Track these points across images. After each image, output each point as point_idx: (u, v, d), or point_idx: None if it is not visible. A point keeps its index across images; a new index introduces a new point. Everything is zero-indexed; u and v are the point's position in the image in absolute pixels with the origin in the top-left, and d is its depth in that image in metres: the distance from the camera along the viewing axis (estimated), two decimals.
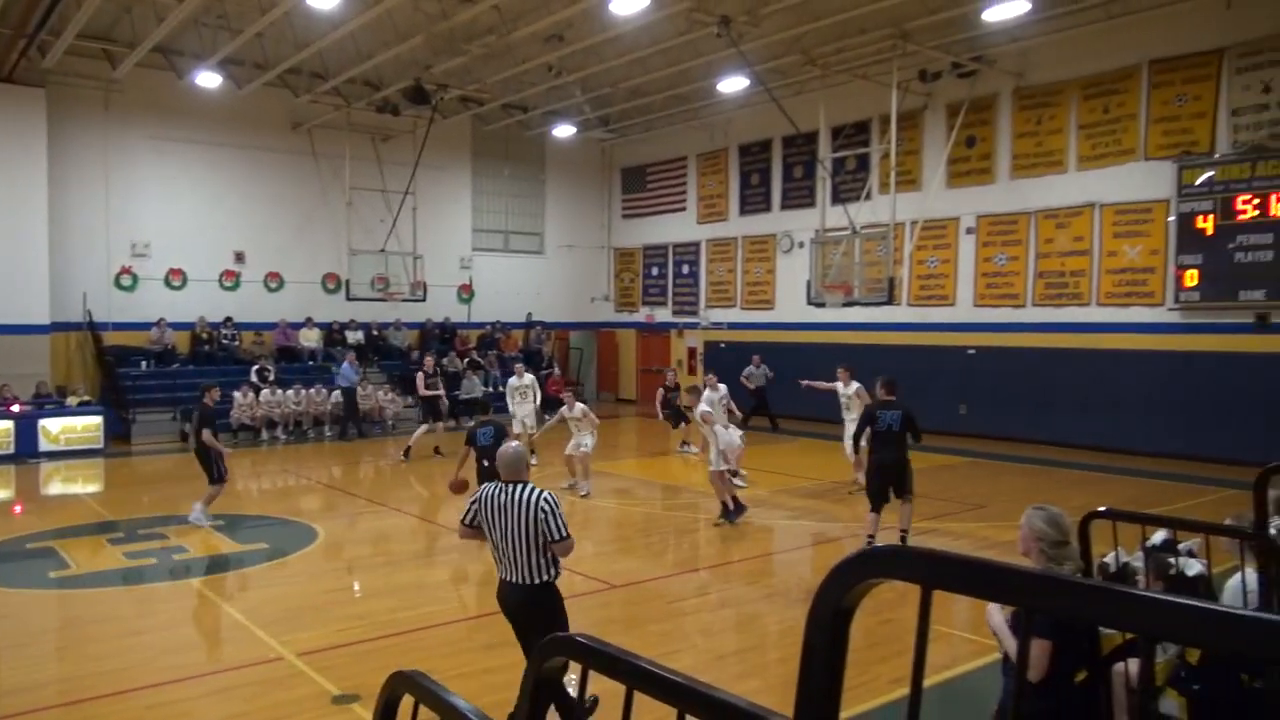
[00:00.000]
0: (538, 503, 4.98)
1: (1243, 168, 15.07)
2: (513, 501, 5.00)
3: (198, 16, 16.89)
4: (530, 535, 4.96)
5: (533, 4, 16.00)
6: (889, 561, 1.25)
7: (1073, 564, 3.82)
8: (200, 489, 11.43)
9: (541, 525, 4.96)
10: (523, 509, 4.97)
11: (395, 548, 10.72)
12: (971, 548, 10.02)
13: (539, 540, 4.98)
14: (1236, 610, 1.08)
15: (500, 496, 5.06)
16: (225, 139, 21.19)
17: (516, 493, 5.03)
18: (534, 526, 4.95)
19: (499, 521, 5.02)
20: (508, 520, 4.99)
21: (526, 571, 5.01)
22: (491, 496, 5.10)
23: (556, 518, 5.00)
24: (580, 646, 1.64)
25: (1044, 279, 17.84)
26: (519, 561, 5.01)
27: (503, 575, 5.14)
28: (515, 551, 5.00)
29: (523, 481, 5.12)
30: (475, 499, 5.27)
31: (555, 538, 4.99)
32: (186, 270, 20.97)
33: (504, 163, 25.89)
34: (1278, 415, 14.65)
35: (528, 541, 4.97)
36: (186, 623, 7.87)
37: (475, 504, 5.24)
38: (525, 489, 5.04)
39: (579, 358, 27.11)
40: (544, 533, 4.97)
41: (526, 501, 4.98)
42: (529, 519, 4.95)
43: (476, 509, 5.21)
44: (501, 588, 5.17)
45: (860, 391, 13.51)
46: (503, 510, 5.01)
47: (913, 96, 18.93)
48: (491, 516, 5.06)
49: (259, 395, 19.21)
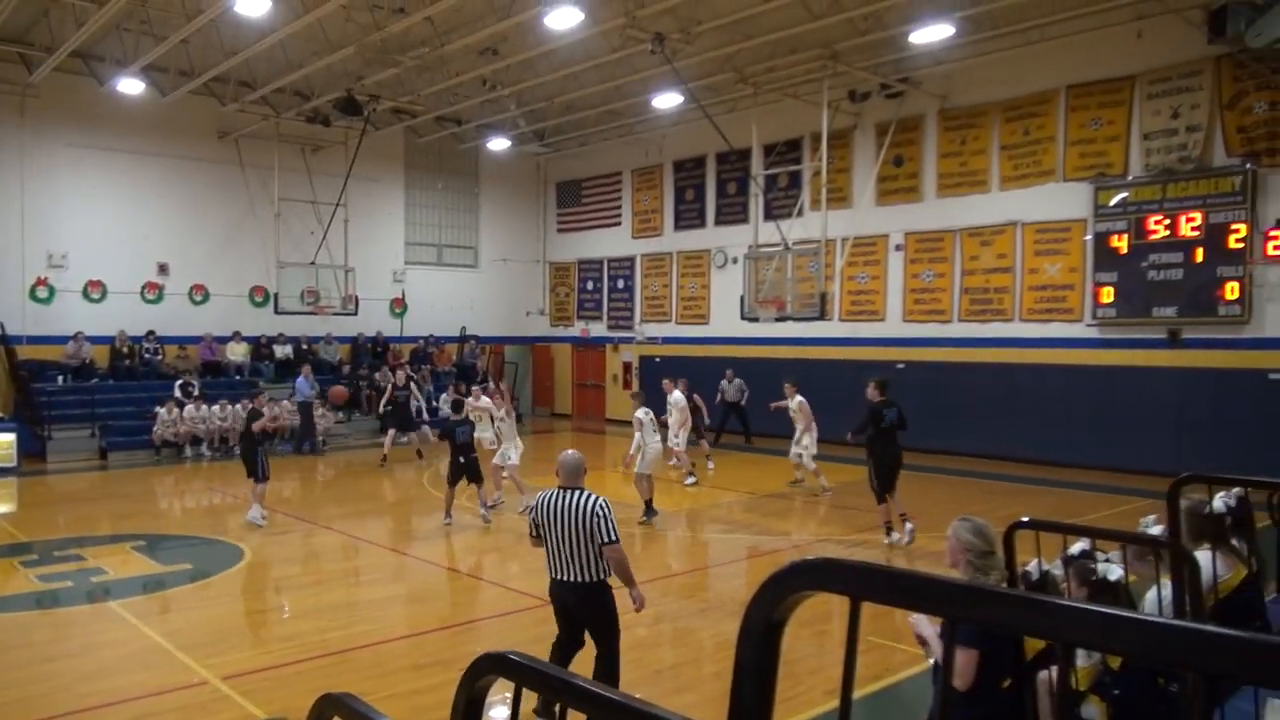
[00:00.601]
0: (593, 507, 5.47)
1: (1154, 189, 15.70)
2: (570, 505, 5.49)
3: (119, 21, 16.43)
4: (585, 537, 5.43)
5: (467, 17, 15.94)
6: (818, 574, 1.27)
7: (998, 573, 3.92)
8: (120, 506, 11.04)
9: (595, 528, 5.42)
10: (578, 512, 5.45)
11: (325, 566, 10.50)
12: (902, 559, 10.20)
13: (594, 542, 5.43)
14: (1148, 617, 1.12)
15: (558, 501, 5.54)
16: (148, 147, 20.60)
17: (574, 497, 5.53)
18: (588, 529, 5.42)
19: (556, 524, 5.49)
20: (564, 522, 5.46)
21: (582, 570, 5.47)
22: (549, 501, 5.58)
23: (609, 522, 5.47)
24: (512, 664, 1.62)
25: (969, 295, 18.33)
26: (575, 561, 5.47)
27: (556, 575, 5.57)
28: (572, 552, 5.47)
29: (580, 487, 5.63)
30: (533, 506, 5.75)
31: (606, 539, 5.43)
32: (106, 282, 20.30)
33: (438, 175, 25.68)
34: (1189, 427, 15.26)
35: (584, 543, 5.43)
36: (104, 647, 7.57)
37: (533, 512, 5.71)
38: (583, 494, 5.55)
39: (514, 372, 26.94)
40: (597, 535, 5.42)
41: (582, 506, 5.47)
42: (584, 521, 5.42)
43: (534, 516, 5.68)
44: (555, 587, 5.61)
45: (803, 405, 14.14)
46: (560, 513, 5.49)
47: (843, 115, 19.33)
48: (549, 519, 5.53)
49: (183, 411, 18.66)
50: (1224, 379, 15.04)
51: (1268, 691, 3.63)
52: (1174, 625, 1.08)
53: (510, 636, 7.74)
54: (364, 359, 23.08)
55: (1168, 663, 1.05)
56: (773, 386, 15.62)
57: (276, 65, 18.25)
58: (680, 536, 11.78)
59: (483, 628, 8.13)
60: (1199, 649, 1.03)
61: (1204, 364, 15.28)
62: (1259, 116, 14.65)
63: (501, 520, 12.56)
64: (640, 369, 24.63)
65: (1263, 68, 14.46)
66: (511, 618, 8.35)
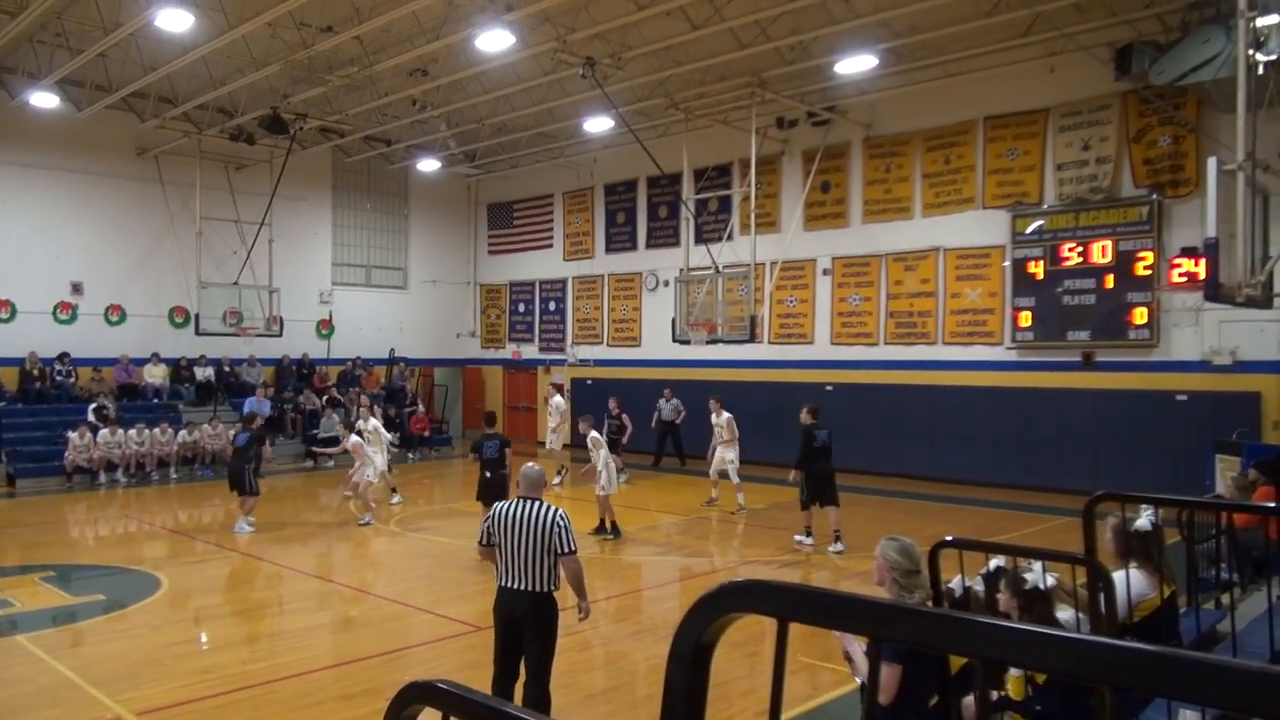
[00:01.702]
0: (554, 518, 5.58)
1: (1067, 218, 16.31)
2: (530, 515, 5.58)
3: (33, 34, 15.93)
4: (543, 547, 5.51)
5: (396, 37, 15.84)
6: (745, 596, 1.29)
7: (922, 591, 4.01)
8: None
9: (556, 538, 5.52)
10: (539, 522, 5.54)
11: (246, 595, 10.20)
12: (829, 579, 10.33)
13: (551, 553, 5.53)
14: (1064, 634, 1.17)
15: (519, 511, 5.62)
16: (62, 163, 19.92)
17: (534, 508, 5.62)
18: (548, 539, 5.51)
19: (513, 533, 5.55)
20: (523, 532, 5.53)
21: (535, 580, 5.52)
22: (509, 510, 5.66)
23: (569, 533, 5.60)
24: (440, 693, 1.59)
25: (894, 319, 18.74)
26: (528, 570, 5.52)
27: (507, 584, 5.59)
28: (526, 561, 5.52)
29: (539, 499, 5.73)
30: (489, 517, 5.78)
31: (565, 550, 5.56)
32: (15, 301, 19.51)
33: (366, 195, 25.35)
34: (1103, 446, 15.81)
35: (541, 553, 5.51)
36: (11, 683, 7.21)
37: (488, 522, 5.75)
38: (543, 505, 5.65)
39: (444, 395, 26.63)
40: (556, 545, 5.52)
41: (543, 516, 5.57)
42: (545, 532, 5.51)
43: (490, 525, 5.72)
44: (505, 595, 5.61)
45: (730, 421, 14.58)
46: (519, 523, 5.56)
47: (771, 142, 19.69)
48: (506, 528, 5.59)
49: (96, 435, 17.94)
50: (1135, 400, 15.63)
51: (1179, 703, 3.77)
52: (1088, 641, 1.13)
53: (441, 664, 7.61)
54: (289, 382, 22.56)
55: (1082, 678, 1.09)
56: (704, 407, 15.73)
57: (199, 81, 17.86)
58: (612, 559, 11.74)
59: (412, 655, 7.98)
60: (1111, 664, 1.08)
61: (1116, 385, 15.87)
62: (1163, 150, 15.36)
63: (434, 546, 12.37)
64: (572, 391, 24.55)
65: (1165, 104, 15.19)
66: (443, 644, 8.21)
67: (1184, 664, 1.03)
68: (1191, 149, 14.99)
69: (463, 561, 11.63)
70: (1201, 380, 15.05)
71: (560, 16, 14.79)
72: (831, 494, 11.69)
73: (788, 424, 18.40)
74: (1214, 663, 1.01)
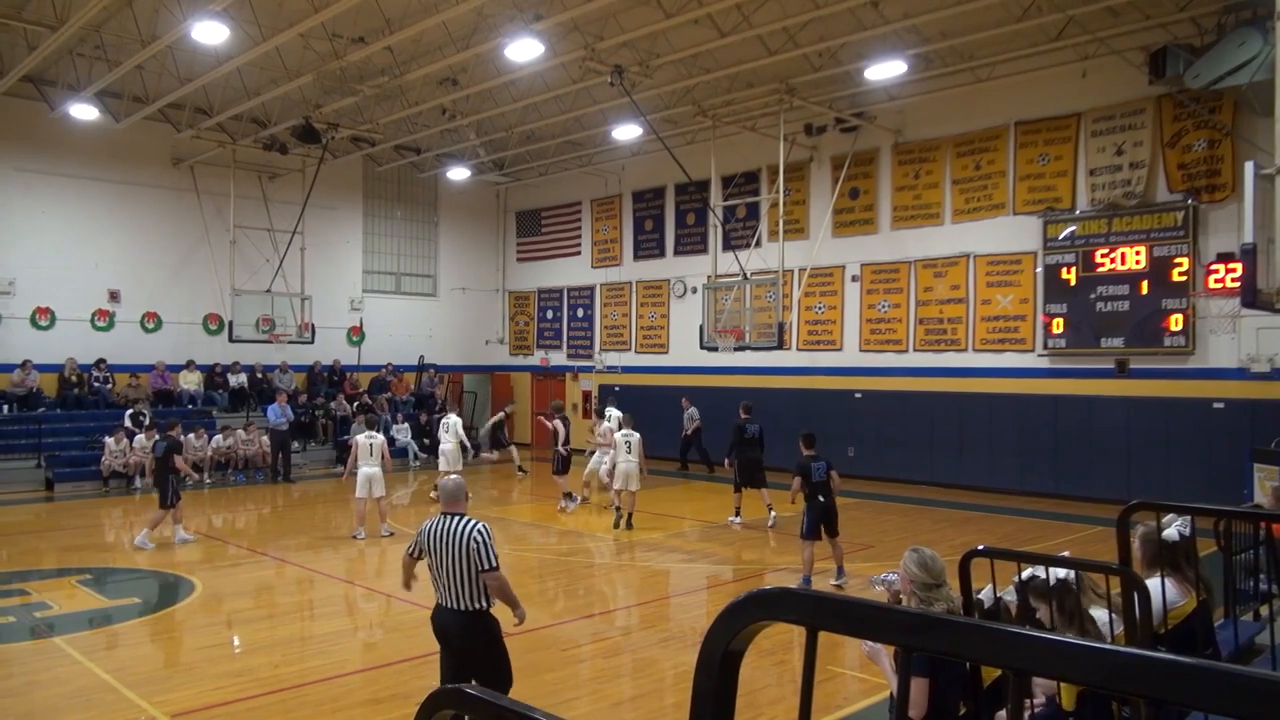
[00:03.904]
0: (472, 533, 5.36)
1: (1100, 223, 16.12)
2: (452, 532, 5.38)
3: (73, 47, 16.25)
4: (466, 563, 5.32)
5: (426, 47, 15.98)
6: (773, 605, 1.29)
7: (943, 605, 3.97)
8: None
9: (475, 555, 5.31)
10: (460, 539, 5.34)
11: (277, 599, 10.30)
12: (859, 588, 10.25)
13: (473, 569, 5.33)
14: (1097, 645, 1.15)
15: (441, 527, 5.42)
16: (100, 173, 20.30)
17: (455, 524, 5.41)
18: (468, 555, 5.31)
19: (439, 551, 5.38)
20: (447, 549, 5.35)
21: (465, 598, 5.35)
22: (434, 528, 5.46)
23: (488, 549, 5.35)
24: (469, 698, 1.61)
25: (924, 325, 18.61)
26: (455, 589, 5.35)
27: (441, 603, 5.45)
28: (452, 579, 5.35)
29: (461, 513, 5.51)
30: (420, 532, 5.59)
31: (485, 566, 5.32)
32: (55, 309, 19.88)
33: (396, 204, 25.59)
34: (1137, 455, 15.58)
35: (464, 570, 5.32)
36: (48, 684, 7.34)
37: (420, 535, 5.58)
38: (463, 520, 5.43)
39: (473, 401, 26.77)
40: (475, 562, 5.31)
41: (464, 532, 5.36)
42: (465, 548, 5.32)
43: (420, 539, 5.55)
44: (439, 614, 5.47)
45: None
46: (443, 540, 5.38)
47: (799, 148, 19.64)
48: (433, 545, 5.42)
49: (133, 441, 18.22)
50: (1170, 408, 15.39)
51: (1216, 717, 3.71)
52: (1123, 652, 1.12)
53: None
54: (320, 388, 22.79)
55: (1117, 689, 1.08)
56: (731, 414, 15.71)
57: (233, 92, 18.12)
58: (640, 566, 11.73)
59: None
60: (1147, 676, 1.06)
61: (1151, 393, 15.64)
62: (1198, 154, 15.14)
63: None
64: (599, 398, 24.60)
65: (1201, 108, 14.97)
66: None
67: (1222, 676, 1.01)
68: (1228, 153, 14.77)
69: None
70: (1239, 388, 14.79)
71: (588, 25, 14.85)
72: (760, 478, 14.10)
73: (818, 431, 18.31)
74: (1253, 676, 1.00)
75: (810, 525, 10.13)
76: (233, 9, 13.50)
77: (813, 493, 10.16)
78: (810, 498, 10.18)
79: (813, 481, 10.17)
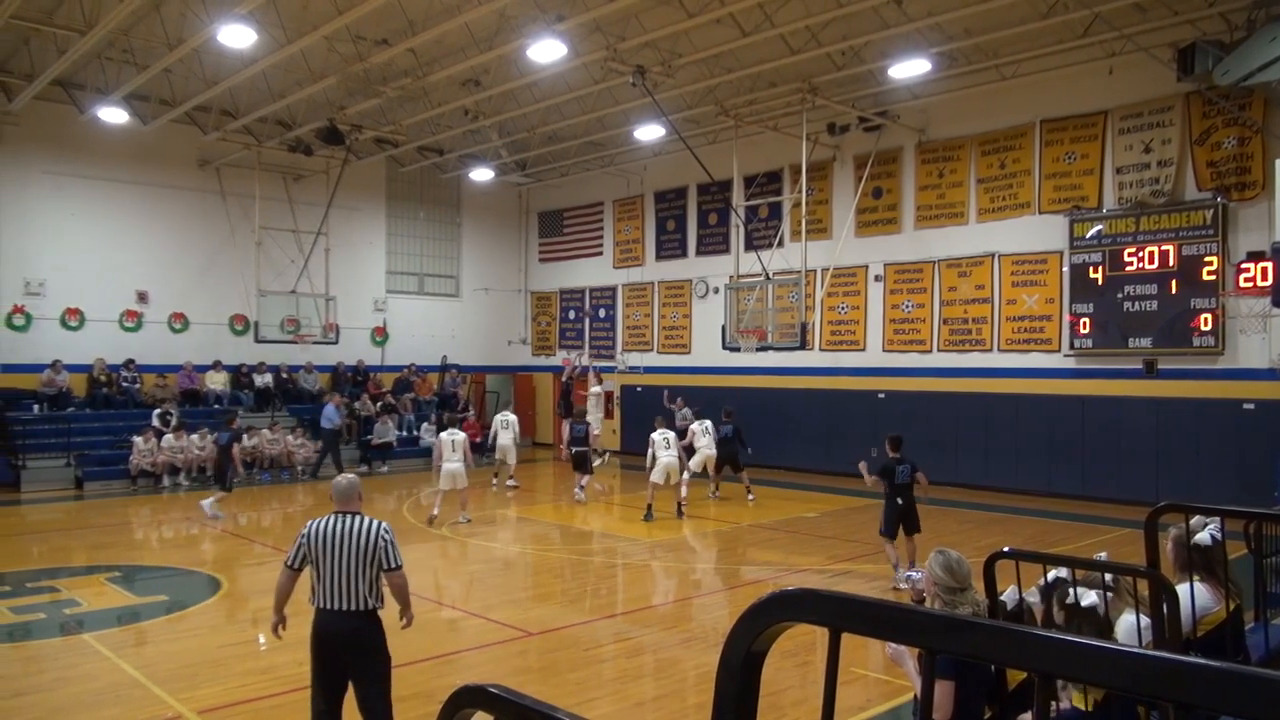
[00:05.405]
0: (378, 532, 5.21)
1: (1127, 222, 15.94)
2: (350, 530, 5.19)
3: (101, 50, 16.45)
4: (365, 563, 5.14)
5: (449, 48, 16.06)
6: (796, 605, 1.28)
7: (968, 608, 3.94)
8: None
9: (381, 553, 5.17)
10: (360, 537, 5.17)
11: (303, 598, 10.35)
12: (882, 590, 10.20)
13: (375, 569, 5.18)
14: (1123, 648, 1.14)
15: (335, 526, 5.21)
16: (128, 175, 20.55)
17: (352, 522, 5.23)
18: (371, 554, 5.15)
19: (331, 550, 5.14)
20: (342, 548, 5.14)
21: (358, 599, 5.14)
22: (322, 527, 5.22)
23: (394, 547, 5.25)
24: (492, 697, 1.61)
25: (948, 325, 18.47)
26: (349, 590, 5.13)
27: (327, 606, 5.17)
28: (348, 579, 5.13)
29: (358, 512, 5.32)
30: (302, 535, 5.29)
31: (390, 566, 5.21)
32: (84, 310, 20.15)
33: (419, 205, 25.73)
34: (1166, 456, 15.40)
35: (362, 569, 5.14)
36: (77, 680, 7.44)
37: (301, 539, 5.28)
38: (362, 519, 5.25)
39: (495, 401, 26.86)
40: (381, 561, 5.17)
41: (365, 531, 5.20)
42: (368, 547, 5.15)
43: (304, 545, 5.26)
44: (324, 618, 5.19)
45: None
46: (337, 539, 5.16)
47: (822, 148, 19.55)
48: (322, 545, 5.17)
49: (161, 440, 18.45)
50: (1199, 409, 15.20)
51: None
52: (1149, 655, 1.10)
53: (492, 669, 7.67)
54: (344, 388, 22.96)
55: (1142, 693, 1.06)
56: (754, 415, 15.69)
57: (259, 94, 18.28)
58: (662, 566, 11.73)
59: (463, 659, 8.04)
60: (1174, 680, 1.05)
61: (1180, 394, 15.44)
62: (1227, 152, 14.94)
63: (484, 552, 12.47)
64: (621, 398, 24.62)
65: (1230, 105, 14.77)
66: (493, 649, 8.28)
67: (1252, 681, 1.00)
68: (1258, 150, 14.56)
69: (513, 566, 11.72)
70: (1270, 389, 14.57)
71: (610, 25, 14.86)
72: (736, 464, 16.23)
73: (838, 432, 18.36)
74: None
75: (889, 524, 10.41)
76: (258, 12, 13.62)
77: (894, 493, 10.39)
78: (890, 498, 10.42)
79: (896, 483, 10.42)
